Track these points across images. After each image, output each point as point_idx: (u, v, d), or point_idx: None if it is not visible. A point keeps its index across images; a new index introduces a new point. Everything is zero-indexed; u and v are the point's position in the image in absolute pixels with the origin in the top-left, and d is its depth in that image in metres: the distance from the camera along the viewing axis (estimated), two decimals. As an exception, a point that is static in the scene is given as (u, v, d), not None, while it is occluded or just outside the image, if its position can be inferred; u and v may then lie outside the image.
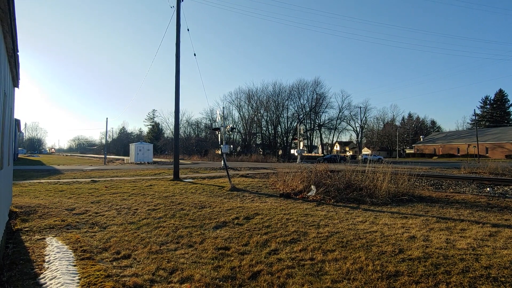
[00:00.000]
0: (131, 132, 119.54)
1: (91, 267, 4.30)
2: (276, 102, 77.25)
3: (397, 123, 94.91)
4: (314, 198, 10.67)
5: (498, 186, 13.70)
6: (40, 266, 4.38)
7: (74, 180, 16.29)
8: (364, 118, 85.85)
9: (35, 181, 15.66)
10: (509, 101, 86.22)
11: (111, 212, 8.16)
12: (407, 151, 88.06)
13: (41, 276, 4.05)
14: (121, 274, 4.16)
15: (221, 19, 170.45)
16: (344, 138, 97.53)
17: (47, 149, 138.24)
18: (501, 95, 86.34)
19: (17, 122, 41.84)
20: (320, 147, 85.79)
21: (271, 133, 78.31)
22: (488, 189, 13.09)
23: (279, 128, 78.19)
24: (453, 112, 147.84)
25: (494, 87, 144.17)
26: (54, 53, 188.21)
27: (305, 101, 78.92)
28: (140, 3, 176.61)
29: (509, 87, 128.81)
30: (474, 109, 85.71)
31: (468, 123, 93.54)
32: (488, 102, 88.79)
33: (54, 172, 22.45)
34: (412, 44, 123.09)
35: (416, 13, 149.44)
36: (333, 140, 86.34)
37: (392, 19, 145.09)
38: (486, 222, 7.12)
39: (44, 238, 5.77)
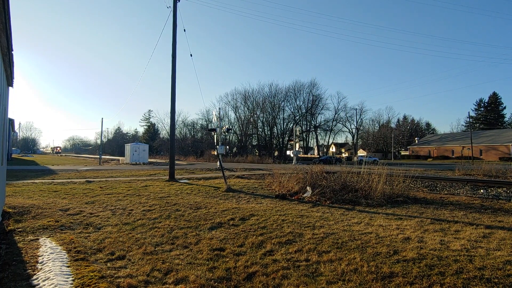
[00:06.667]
0: (127, 133, 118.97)
1: (85, 268, 4.27)
2: (272, 103, 77.47)
3: (393, 125, 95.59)
4: (310, 199, 10.69)
5: (492, 188, 13.83)
6: (33, 267, 4.33)
7: (69, 180, 16.16)
8: (359, 120, 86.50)
9: (29, 181, 15.51)
10: (503, 103, 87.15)
11: (106, 213, 8.11)
12: (402, 153, 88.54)
13: (34, 277, 4.01)
14: (115, 275, 4.13)
15: (218, 19, 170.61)
16: (340, 139, 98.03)
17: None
18: (495, 98, 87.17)
19: (11, 121, 41.43)
20: (316, 148, 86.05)
21: (267, 134, 78.40)
22: (482, 191, 13.21)
23: (275, 129, 78.40)
24: (447, 115, 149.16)
25: (488, 90, 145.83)
26: (49, 53, 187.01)
27: (301, 103, 79.27)
28: (136, 3, 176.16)
29: (503, 90, 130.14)
30: (469, 112, 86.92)
31: (462, 125, 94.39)
32: (482, 104, 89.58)
33: (48, 172, 22.26)
34: (407, 46, 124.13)
35: (412, 16, 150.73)
36: (328, 141, 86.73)
37: (388, 22, 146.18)
38: (480, 224, 7.18)
39: (38, 239, 5.71)
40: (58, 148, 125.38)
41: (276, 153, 72.28)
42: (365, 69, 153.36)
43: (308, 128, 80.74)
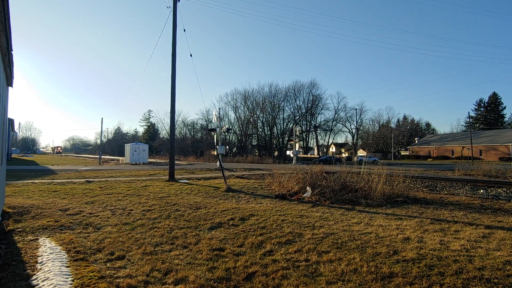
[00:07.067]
0: (127, 133, 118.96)
1: (85, 268, 4.27)
2: (272, 103, 77.50)
3: (393, 125, 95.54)
4: (310, 199, 10.69)
5: (492, 188, 13.83)
6: (32, 267, 4.33)
7: (68, 180, 16.15)
8: (359, 120, 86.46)
9: (29, 181, 15.51)
10: (502, 104, 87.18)
11: (105, 213, 8.11)
12: (402, 153, 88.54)
13: (34, 277, 4.00)
14: (115, 275, 4.13)
15: (218, 19, 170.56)
16: (340, 139, 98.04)
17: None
18: (495, 98, 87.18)
19: (11, 121, 41.42)
20: (315, 148, 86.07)
21: (267, 134, 78.40)
22: (481, 191, 13.21)
23: (275, 129, 78.41)
24: (447, 115, 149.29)
25: (488, 90, 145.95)
26: (49, 53, 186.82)
27: (301, 103, 79.33)
28: (135, 3, 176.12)
29: (503, 90, 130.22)
30: (469, 112, 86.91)
31: (462, 125, 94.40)
32: (482, 104, 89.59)
33: (48, 172, 22.26)
34: (407, 46, 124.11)
35: (412, 16, 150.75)
36: (328, 141, 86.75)
37: (388, 22, 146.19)
38: (480, 224, 7.18)
39: (37, 239, 5.71)
40: (59, 148, 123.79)
41: (276, 153, 72.28)
42: (365, 69, 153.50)
43: (308, 128, 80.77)
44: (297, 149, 45.81)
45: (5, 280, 3.92)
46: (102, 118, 62.14)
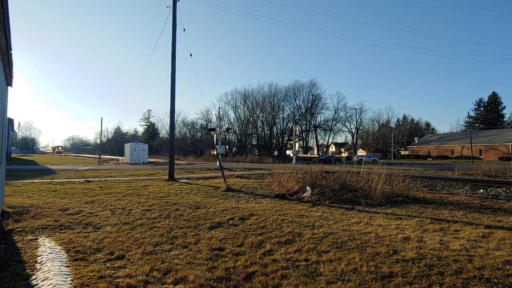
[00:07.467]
0: (126, 132, 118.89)
1: (84, 268, 4.26)
2: (272, 103, 77.50)
3: (392, 125, 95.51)
4: (309, 199, 10.69)
5: (491, 188, 13.83)
6: (32, 267, 4.32)
7: (68, 180, 16.14)
8: (359, 120, 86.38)
9: (28, 181, 15.50)
10: (502, 103, 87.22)
11: (105, 213, 8.10)
12: (402, 152, 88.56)
13: (33, 277, 4.00)
14: (114, 275, 4.12)
15: (218, 19, 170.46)
16: (340, 139, 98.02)
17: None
18: (494, 98, 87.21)
19: (11, 121, 41.36)
20: (315, 148, 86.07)
21: (267, 134, 78.40)
22: (481, 190, 13.21)
23: (275, 129, 78.41)
24: (447, 114, 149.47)
25: (488, 90, 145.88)
26: (48, 53, 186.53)
27: (300, 102, 79.34)
28: (135, 3, 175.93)
29: (503, 90, 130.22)
30: (468, 112, 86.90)
31: (462, 125, 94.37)
32: (482, 104, 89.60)
33: (48, 172, 22.25)
34: (407, 46, 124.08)
35: (412, 16, 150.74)
36: (328, 141, 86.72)
37: (388, 22, 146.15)
38: (480, 223, 7.18)
39: (37, 239, 5.70)
40: (60, 148, 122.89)
41: (275, 153, 72.28)
42: (365, 69, 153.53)
43: (307, 128, 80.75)
44: (296, 148, 45.79)
45: (4, 280, 3.91)
46: (101, 118, 62.12)
